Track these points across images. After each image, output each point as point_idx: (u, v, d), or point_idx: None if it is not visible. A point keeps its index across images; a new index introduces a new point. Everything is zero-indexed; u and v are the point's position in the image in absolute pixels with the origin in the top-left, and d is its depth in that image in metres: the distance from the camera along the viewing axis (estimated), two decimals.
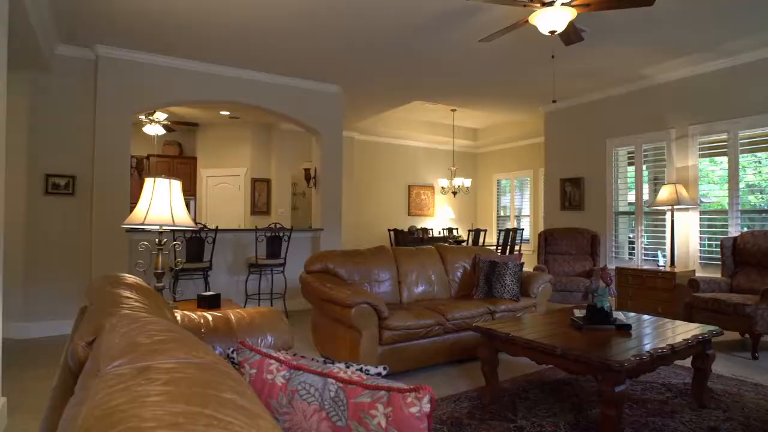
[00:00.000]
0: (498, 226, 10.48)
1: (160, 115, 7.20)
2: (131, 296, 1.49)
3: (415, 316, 3.52)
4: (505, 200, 10.52)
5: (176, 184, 2.80)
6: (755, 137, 5.06)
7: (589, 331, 2.88)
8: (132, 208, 2.83)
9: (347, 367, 1.12)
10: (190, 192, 8.70)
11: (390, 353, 3.38)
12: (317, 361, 1.20)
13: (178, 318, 2.11)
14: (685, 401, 2.95)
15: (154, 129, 7.28)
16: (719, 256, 4.88)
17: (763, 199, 5.11)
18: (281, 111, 6.05)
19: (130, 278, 1.83)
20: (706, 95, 5.40)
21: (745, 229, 5.02)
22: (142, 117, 7.07)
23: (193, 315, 2.20)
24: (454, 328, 3.68)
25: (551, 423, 2.64)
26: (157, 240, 2.87)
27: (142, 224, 2.66)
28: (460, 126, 9.91)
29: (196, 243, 5.04)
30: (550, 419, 2.69)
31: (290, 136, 8.61)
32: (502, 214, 10.60)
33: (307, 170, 6.92)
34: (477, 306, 3.91)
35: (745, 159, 5.21)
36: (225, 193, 8.81)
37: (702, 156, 5.52)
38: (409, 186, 10.23)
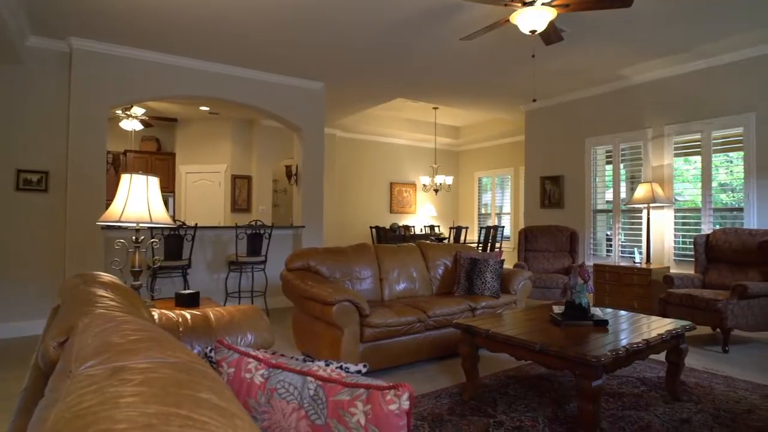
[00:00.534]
0: (479, 224, 10.57)
1: (138, 110, 7.05)
2: (106, 295, 1.45)
3: (396, 313, 3.52)
4: (486, 198, 10.61)
5: (154, 181, 2.75)
6: (728, 137, 5.20)
7: (568, 327, 2.92)
8: (108, 205, 2.76)
9: (327, 365, 1.12)
10: (168, 189, 8.55)
11: (371, 351, 3.38)
12: (297, 360, 1.19)
13: (156, 317, 2.08)
14: (659, 394, 3.02)
15: (131, 124, 7.13)
16: (693, 253, 5.01)
17: (734, 197, 5.26)
18: (263, 107, 5.99)
19: (105, 276, 1.79)
20: (681, 96, 5.53)
21: (717, 227, 5.17)
22: (119, 112, 6.91)
23: (170, 314, 2.17)
24: (435, 325, 3.70)
25: (530, 418, 2.67)
26: (133, 238, 2.81)
27: (118, 222, 2.60)
28: (441, 124, 9.95)
29: (174, 240, 4.96)
30: (529, 414, 2.72)
31: (272, 133, 8.53)
32: (483, 211, 10.69)
33: (288, 167, 6.87)
34: (458, 303, 3.94)
35: (717, 159, 5.35)
36: (205, 189, 8.69)
37: (677, 155, 5.66)
38: (391, 183, 10.24)
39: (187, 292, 3.13)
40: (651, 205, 5.50)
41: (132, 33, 4.61)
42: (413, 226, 10.03)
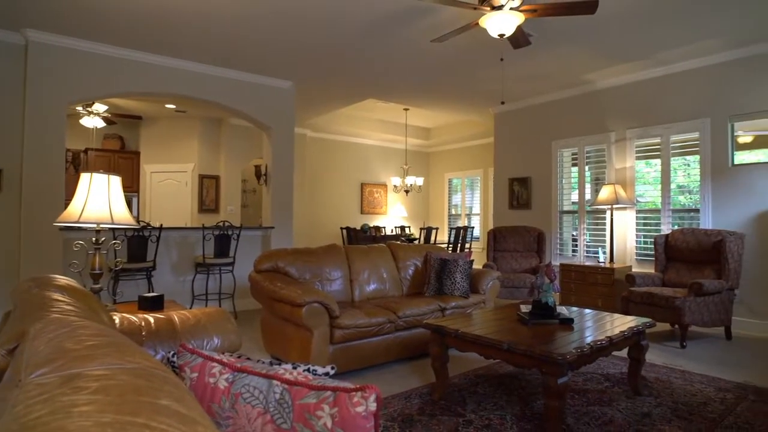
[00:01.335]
0: (449, 224, 10.67)
1: (100, 107, 6.81)
2: (62, 299, 1.39)
3: (366, 314, 3.52)
4: (457, 199, 10.73)
5: (116, 180, 2.66)
6: (685, 141, 5.42)
7: (535, 325, 2.98)
8: (67, 205, 2.65)
9: (294, 367, 1.10)
10: (132, 188, 8.29)
11: (341, 352, 3.36)
12: (263, 363, 1.17)
13: (117, 321, 2.01)
14: (622, 390, 3.12)
15: (92, 121, 6.87)
16: (653, 252, 5.20)
17: (691, 199, 5.48)
18: (231, 106, 5.88)
19: (62, 280, 1.72)
20: (641, 101, 5.73)
21: (676, 227, 5.37)
22: (80, 108, 6.66)
23: (133, 317, 2.10)
24: (405, 326, 3.71)
25: (498, 416, 2.71)
26: (94, 239, 2.71)
27: (77, 222, 2.50)
28: (412, 125, 10.00)
29: (138, 242, 4.80)
30: (497, 412, 2.76)
31: (240, 132, 8.38)
32: (453, 212, 10.80)
33: (257, 167, 6.77)
34: (428, 303, 3.96)
35: (676, 162, 5.57)
36: (171, 189, 8.46)
37: (638, 158, 5.85)
38: (362, 184, 10.22)
39: (150, 294, 3.04)
40: (614, 206, 5.68)
41: (93, 26, 4.45)
42: (384, 227, 10.05)
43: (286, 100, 6.31)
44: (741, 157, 5.00)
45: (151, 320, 2.10)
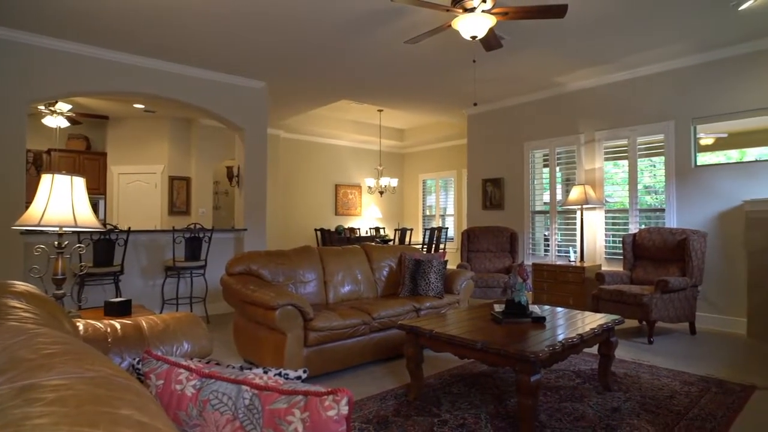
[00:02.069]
0: (424, 225, 10.72)
1: (63, 106, 6.57)
2: (19, 306, 1.33)
3: (341, 316, 3.49)
4: (431, 200, 10.79)
5: (79, 182, 2.56)
6: (651, 143, 5.59)
7: (508, 324, 3.02)
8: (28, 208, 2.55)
9: (265, 372, 1.08)
10: (98, 190, 8.03)
11: (316, 355, 3.33)
12: (233, 368, 1.14)
13: (81, 328, 1.93)
14: (593, 386, 3.18)
15: (56, 121, 6.63)
16: (622, 251, 5.34)
17: (657, 199, 5.66)
18: (202, 106, 5.77)
19: (20, 285, 1.64)
20: (609, 104, 5.88)
21: (643, 226, 5.53)
22: (42, 107, 6.41)
23: (98, 324, 2.03)
24: (380, 327, 3.70)
25: (473, 415, 2.73)
26: (56, 243, 2.61)
27: (38, 225, 2.40)
28: (386, 126, 10.01)
29: (104, 245, 4.65)
30: (472, 411, 2.78)
31: (212, 133, 8.23)
32: (427, 213, 10.86)
33: (230, 168, 6.66)
34: (402, 304, 3.97)
35: (642, 163, 5.74)
36: (139, 191, 8.23)
37: (607, 159, 6.01)
38: (336, 185, 10.17)
39: (117, 300, 2.95)
40: (584, 206, 5.81)
41: (55, 22, 4.29)
42: (358, 228, 10.02)
43: (258, 101, 6.23)
44: (703, 159, 5.18)
45: (118, 326, 2.04)
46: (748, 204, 4.62)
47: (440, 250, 8.61)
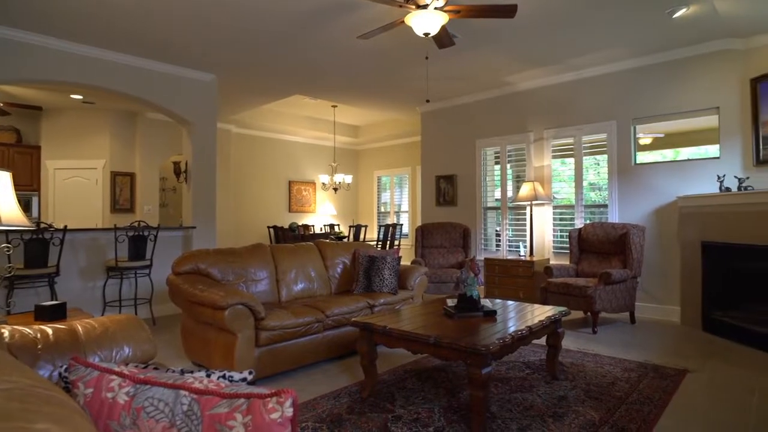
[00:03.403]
0: (379, 222, 10.73)
1: None
2: None
3: (293, 314, 3.43)
4: (386, 196, 10.82)
5: (4, 176, 2.37)
6: (595, 142, 5.83)
7: (460, 319, 3.06)
8: None
9: (208, 375, 1.03)
10: (31, 186, 7.50)
11: (268, 355, 3.25)
12: (174, 372, 1.08)
13: (6, 335, 1.78)
14: (541, 376, 3.29)
15: None
16: (568, 245, 5.55)
17: (601, 195, 5.92)
18: (146, 98, 5.49)
19: None
20: (556, 103, 6.09)
21: (588, 222, 5.77)
22: None
23: (27, 330, 1.88)
24: (334, 325, 3.66)
25: (427, 409, 2.75)
26: None
27: None
28: (341, 122, 9.94)
29: (37, 245, 4.34)
30: (425, 405, 2.80)
31: (158, 126, 7.87)
32: (382, 209, 10.88)
33: (176, 164, 6.38)
34: (356, 301, 3.94)
35: (587, 161, 5.98)
36: (78, 188, 7.76)
37: (554, 157, 6.22)
38: (289, 182, 10.00)
39: (50, 303, 2.75)
40: (533, 202, 5.99)
41: None
42: (313, 225, 9.90)
43: (207, 94, 6.00)
44: (642, 157, 5.46)
45: (50, 332, 1.90)
46: (681, 200, 4.92)
47: (395, 247, 8.65)
